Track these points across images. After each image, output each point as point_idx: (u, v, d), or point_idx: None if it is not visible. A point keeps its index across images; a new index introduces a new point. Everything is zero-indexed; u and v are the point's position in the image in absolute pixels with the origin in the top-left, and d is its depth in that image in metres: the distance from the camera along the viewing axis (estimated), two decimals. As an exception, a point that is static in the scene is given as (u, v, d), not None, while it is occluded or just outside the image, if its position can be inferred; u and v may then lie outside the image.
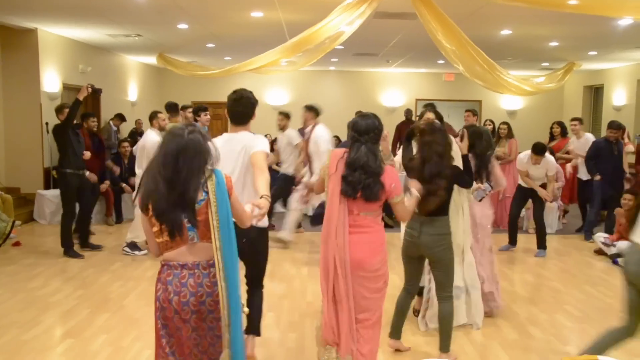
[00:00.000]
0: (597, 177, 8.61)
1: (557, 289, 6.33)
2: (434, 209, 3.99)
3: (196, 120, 7.74)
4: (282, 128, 8.49)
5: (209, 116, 8.12)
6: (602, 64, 13.60)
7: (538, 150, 7.59)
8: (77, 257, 7.16)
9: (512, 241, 8.04)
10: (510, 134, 9.48)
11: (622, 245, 7.44)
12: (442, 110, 19.05)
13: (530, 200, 8.01)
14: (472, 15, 7.97)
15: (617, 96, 13.79)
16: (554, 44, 10.60)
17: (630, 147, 8.58)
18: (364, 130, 3.55)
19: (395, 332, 4.42)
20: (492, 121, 10.35)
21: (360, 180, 3.40)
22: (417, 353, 4.46)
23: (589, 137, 9.44)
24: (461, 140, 4.54)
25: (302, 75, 15.97)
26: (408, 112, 13.35)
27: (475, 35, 7.49)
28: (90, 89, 7.08)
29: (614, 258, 7.45)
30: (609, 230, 8.42)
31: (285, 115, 8.57)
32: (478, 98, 15.89)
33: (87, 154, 7.49)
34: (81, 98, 7.01)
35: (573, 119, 9.69)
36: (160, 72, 15.43)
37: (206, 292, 2.59)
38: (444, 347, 4.17)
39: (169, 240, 2.59)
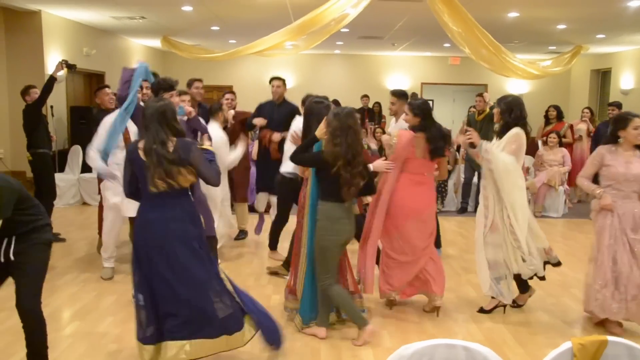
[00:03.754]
0: None
1: (563, 273, 6.32)
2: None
3: None
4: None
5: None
6: (610, 47, 13.48)
7: None
8: (60, 241, 7.02)
9: None
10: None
11: None
12: (448, 94, 18.96)
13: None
14: (479, -3, 7.90)
15: (625, 80, 13.68)
16: (561, 26, 10.51)
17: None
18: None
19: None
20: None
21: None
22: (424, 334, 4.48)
23: None
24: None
25: (307, 58, 15.89)
26: (414, 96, 13.27)
27: (481, 18, 7.42)
28: (64, 65, 6.97)
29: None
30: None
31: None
32: (484, 82, 15.79)
33: (54, 137, 7.45)
34: (55, 75, 6.86)
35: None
36: (165, 55, 15.39)
37: None
38: (323, 322, 4.41)
39: None
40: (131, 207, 4.73)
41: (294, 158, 4.29)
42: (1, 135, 9.80)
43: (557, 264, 5.04)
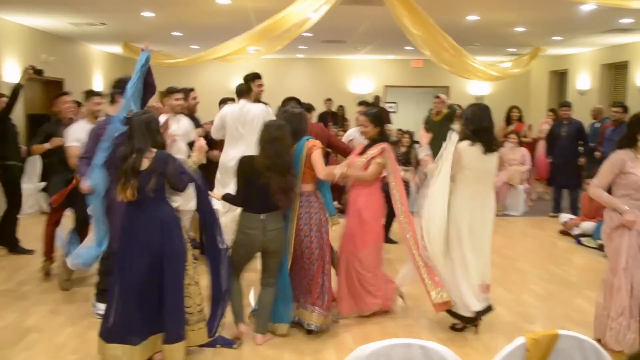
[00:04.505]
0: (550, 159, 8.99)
1: (523, 270, 6.45)
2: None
3: None
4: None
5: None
6: (567, 49, 13.78)
7: None
8: (27, 253, 6.81)
9: None
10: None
11: (586, 225, 7.61)
12: (411, 97, 19.08)
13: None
14: (439, 0, 8.00)
15: (581, 81, 14.01)
16: (520, 29, 10.70)
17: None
18: None
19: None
20: (459, 106, 10.46)
21: None
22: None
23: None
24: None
25: (270, 63, 15.88)
26: (376, 99, 13.40)
27: (442, 21, 7.51)
28: (31, 71, 6.68)
29: (577, 238, 7.62)
30: (573, 211, 8.60)
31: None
32: (446, 84, 15.98)
33: (24, 148, 6.98)
34: (23, 82, 6.59)
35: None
36: (127, 62, 15.19)
37: None
38: (262, 328, 4.34)
39: None
40: None
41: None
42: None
43: (486, 310, 4.58)
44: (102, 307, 4.47)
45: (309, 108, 6.40)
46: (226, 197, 4.41)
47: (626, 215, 3.95)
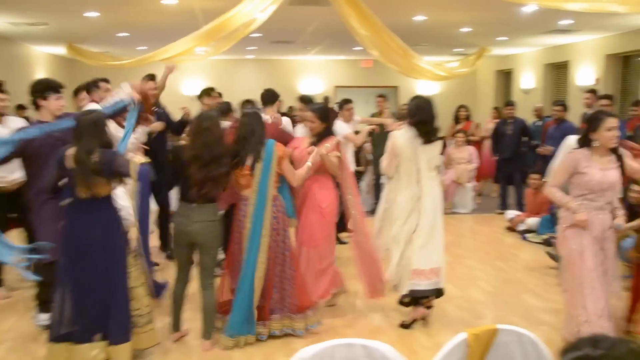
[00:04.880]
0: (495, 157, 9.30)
1: (471, 266, 6.57)
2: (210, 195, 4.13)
3: None
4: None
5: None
6: (512, 49, 14.11)
7: None
8: None
9: None
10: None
11: (531, 221, 7.81)
12: (361, 97, 19.20)
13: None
14: (386, 1, 8.07)
15: (526, 80, 14.37)
16: (466, 29, 10.89)
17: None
18: None
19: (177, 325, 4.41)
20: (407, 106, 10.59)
21: None
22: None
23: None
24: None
25: (220, 64, 15.76)
26: (326, 100, 13.42)
27: (389, 21, 7.58)
28: None
29: (523, 234, 7.81)
30: (519, 207, 8.81)
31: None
32: (395, 84, 16.15)
33: None
34: None
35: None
36: (71, 64, 14.82)
37: None
38: (208, 334, 4.26)
39: None
40: None
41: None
42: None
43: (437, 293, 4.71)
44: (44, 318, 4.36)
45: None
46: None
47: (577, 215, 3.96)
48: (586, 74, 11.80)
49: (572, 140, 5.97)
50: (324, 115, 4.91)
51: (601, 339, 1.52)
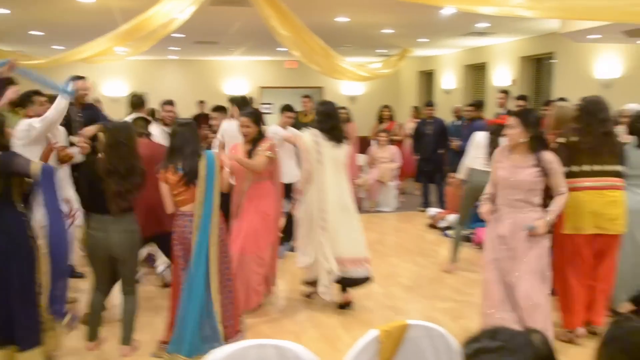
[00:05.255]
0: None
1: (393, 263, 6.70)
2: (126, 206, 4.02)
3: None
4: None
5: None
6: (433, 50, 14.46)
7: None
8: None
9: None
10: (348, 119, 9.83)
11: (451, 218, 8.03)
12: (286, 98, 19.21)
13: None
14: (308, 2, 8.10)
15: (447, 80, 14.77)
16: (388, 31, 11.07)
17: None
18: None
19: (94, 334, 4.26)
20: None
21: None
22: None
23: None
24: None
25: (142, 64, 15.41)
26: (250, 100, 13.35)
27: (312, 22, 7.62)
28: None
29: (444, 230, 8.02)
30: (440, 205, 9.05)
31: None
32: (320, 84, 16.25)
33: None
34: None
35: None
36: (-18, 63, 14.15)
37: None
38: (127, 339, 4.17)
39: None
40: None
41: None
42: None
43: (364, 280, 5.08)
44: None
45: None
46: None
47: (480, 207, 4.22)
48: (503, 75, 12.25)
49: (479, 137, 6.22)
50: (258, 118, 4.96)
51: (500, 331, 1.57)
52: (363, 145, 10.68)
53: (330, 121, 4.95)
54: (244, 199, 4.94)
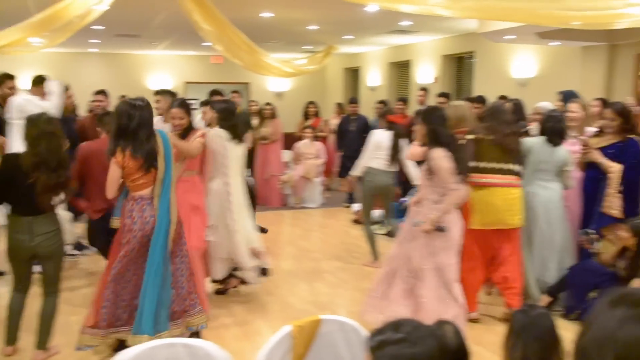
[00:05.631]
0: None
1: (317, 259, 6.73)
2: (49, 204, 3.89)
3: None
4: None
5: None
6: (358, 47, 14.61)
7: None
8: None
9: None
10: (274, 115, 9.81)
11: (375, 214, 8.14)
12: (227, 98, 18.99)
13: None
14: (231, -4, 8.01)
15: (372, 77, 14.97)
16: (313, 27, 11.10)
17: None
18: None
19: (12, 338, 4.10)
20: (256, 102, 10.66)
21: None
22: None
23: None
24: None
25: (61, 57, 14.84)
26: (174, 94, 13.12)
27: (236, 17, 7.54)
28: None
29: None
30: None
31: None
32: (246, 80, 16.13)
33: None
34: None
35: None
36: None
37: None
38: (43, 343, 4.02)
39: None
40: None
41: None
42: None
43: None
44: None
45: None
46: None
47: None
48: (426, 72, 12.53)
49: (381, 136, 6.32)
50: (189, 109, 4.88)
51: (404, 323, 1.60)
52: (289, 141, 10.68)
53: (232, 119, 5.05)
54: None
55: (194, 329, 4.13)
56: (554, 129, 4.97)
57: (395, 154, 6.19)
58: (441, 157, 4.09)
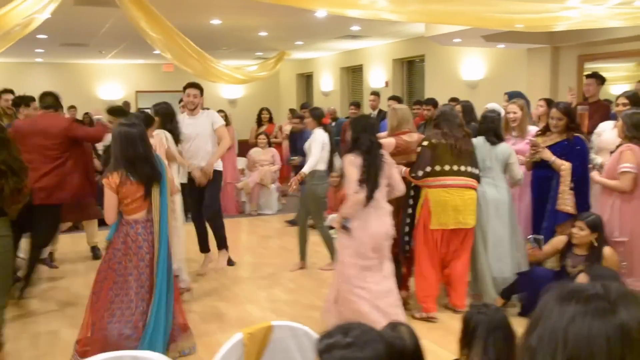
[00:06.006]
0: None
1: (275, 265, 6.70)
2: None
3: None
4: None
5: None
6: (311, 53, 14.67)
7: None
8: None
9: None
10: (227, 122, 9.74)
11: (332, 217, 8.15)
12: (165, 101, 18.63)
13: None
14: (178, 4, 7.94)
15: (325, 83, 15.04)
16: (263, 33, 11.09)
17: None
18: None
19: None
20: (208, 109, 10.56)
21: None
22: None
23: None
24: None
25: (5, 67, 14.47)
26: (126, 105, 12.91)
27: (185, 25, 7.49)
28: None
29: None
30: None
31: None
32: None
33: None
34: None
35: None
36: None
37: None
38: None
39: None
40: None
41: None
42: None
43: None
44: None
45: None
46: None
47: None
48: (378, 77, 12.66)
49: (324, 138, 6.39)
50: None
51: (353, 327, 1.60)
52: (244, 148, 10.62)
53: (173, 121, 5.23)
54: None
55: (186, 352, 4.16)
56: (489, 129, 5.16)
57: (332, 156, 6.33)
58: (348, 163, 4.24)
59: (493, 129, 5.17)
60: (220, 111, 9.96)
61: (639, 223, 4.45)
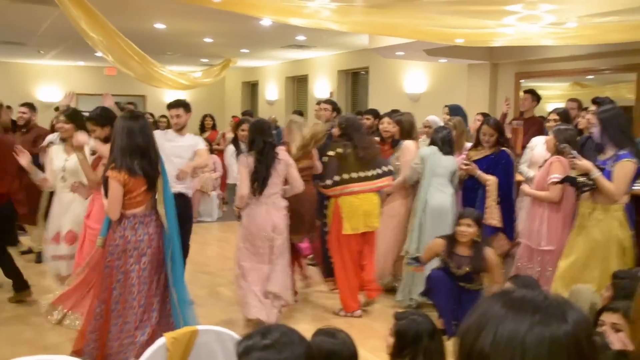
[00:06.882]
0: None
1: (213, 273, 6.64)
2: None
3: None
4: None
5: None
6: (257, 61, 14.65)
7: None
8: None
9: None
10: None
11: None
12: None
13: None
14: (121, 6, 7.80)
15: (270, 91, 15.04)
16: (208, 40, 11.01)
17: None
18: None
19: None
20: (152, 115, 10.43)
21: None
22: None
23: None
24: None
25: None
26: (67, 109, 12.58)
27: (128, 28, 7.36)
28: None
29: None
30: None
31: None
32: (142, 93, 15.74)
33: None
34: None
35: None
36: None
37: None
38: None
39: None
40: None
41: None
42: None
43: None
44: None
45: None
46: None
47: None
48: (323, 87, 12.74)
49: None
50: (105, 119, 4.78)
51: (273, 329, 1.60)
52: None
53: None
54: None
55: None
56: (444, 139, 5.41)
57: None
58: (240, 164, 4.77)
59: (449, 140, 5.44)
60: (162, 116, 9.84)
61: (565, 233, 4.59)
